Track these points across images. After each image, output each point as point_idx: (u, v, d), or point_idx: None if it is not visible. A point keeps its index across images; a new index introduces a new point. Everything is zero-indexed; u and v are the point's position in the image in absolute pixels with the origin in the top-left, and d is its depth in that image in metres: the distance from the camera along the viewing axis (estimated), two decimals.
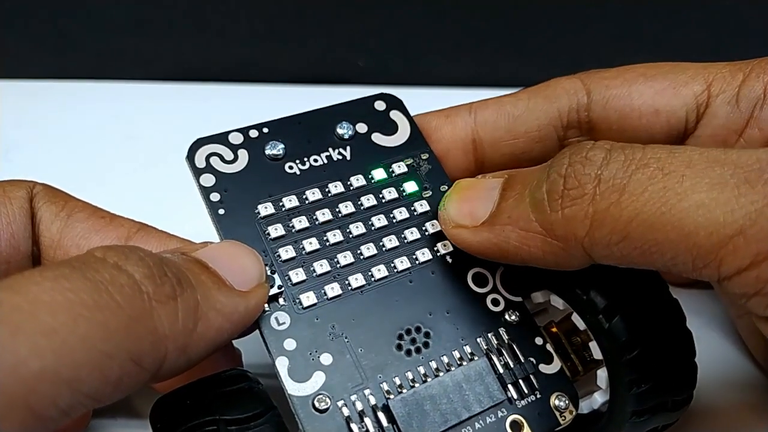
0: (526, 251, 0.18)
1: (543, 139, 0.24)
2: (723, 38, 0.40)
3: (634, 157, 0.17)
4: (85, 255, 0.16)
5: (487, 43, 0.41)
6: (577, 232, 0.17)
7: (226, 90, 0.41)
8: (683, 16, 0.39)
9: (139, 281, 0.15)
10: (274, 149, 0.22)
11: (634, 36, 0.41)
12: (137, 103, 0.40)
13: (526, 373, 0.20)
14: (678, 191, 0.16)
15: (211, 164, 0.21)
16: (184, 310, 0.16)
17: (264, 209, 0.21)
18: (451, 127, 0.24)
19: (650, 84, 0.23)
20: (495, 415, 0.19)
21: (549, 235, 0.18)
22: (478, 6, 0.40)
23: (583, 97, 0.24)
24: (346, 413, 0.18)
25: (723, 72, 0.23)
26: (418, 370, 0.19)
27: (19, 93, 0.40)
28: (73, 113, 0.39)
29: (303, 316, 0.19)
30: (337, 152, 0.23)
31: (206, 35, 0.41)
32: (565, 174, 0.18)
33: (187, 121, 0.34)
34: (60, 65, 0.41)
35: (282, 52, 0.42)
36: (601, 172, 0.17)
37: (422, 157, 0.23)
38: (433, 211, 0.22)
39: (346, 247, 0.21)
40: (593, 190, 0.17)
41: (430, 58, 0.42)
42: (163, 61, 0.42)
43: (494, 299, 0.21)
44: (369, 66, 0.42)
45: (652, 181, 0.16)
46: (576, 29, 0.41)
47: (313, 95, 0.27)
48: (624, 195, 0.16)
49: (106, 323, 0.14)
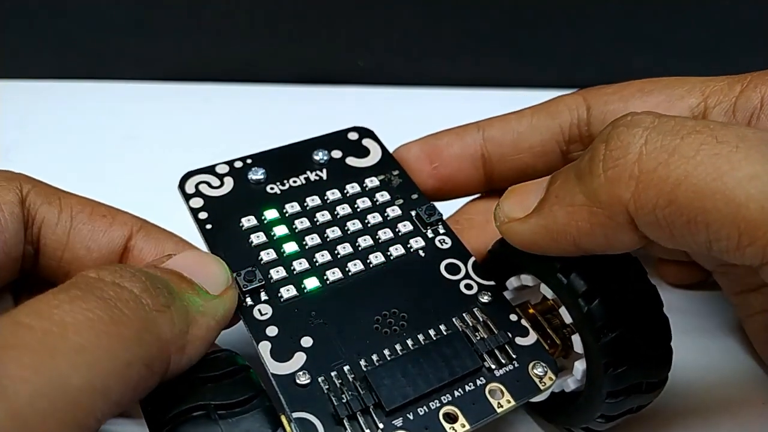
0: (575, 228, 0.18)
1: (546, 154, 0.25)
2: (723, 39, 0.39)
3: (685, 123, 0.16)
4: (82, 277, 0.17)
5: (486, 43, 0.41)
6: (621, 194, 0.16)
7: (226, 90, 0.41)
8: (683, 16, 0.39)
9: (139, 295, 0.17)
10: (256, 174, 0.24)
11: (634, 37, 0.40)
12: (137, 103, 0.40)
13: (501, 343, 0.20)
14: (731, 159, 0.15)
15: (200, 190, 0.24)
16: (179, 316, 0.18)
17: (247, 221, 0.23)
18: (461, 144, 0.26)
19: (646, 99, 0.23)
20: (474, 384, 0.20)
21: (594, 204, 0.17)
22: (478, 6, 0.40)
23: (583, 113, 0.24)
24: (326, 387, 0.19)
25: (721, 85, 0.23)
26: (395, 347, 0.20)
27: (19, 93, 0.40)
28: (73, 113, 0.39)
29: (284, 307, 0.21)
30: (315, 174, 0.25)
31: (206, 35, 0.41)
32: (608, 137, 0.17)
33: (187, 121, 0.35)
34: (60, 65, 0.41)
35: (282, 53, 0.42)
36: (648, 133, 0.16)
37: (393, 173, 0.25)
38: (406, 216, 0.24)
39: (323, 248, 0.22)
40: (639, 149, 0.16)
41: (430, 58, 0.42)
42: (163, 61, 0.42)
43: (467, 284, 0.22)
44: (369, 66, 0.42)
45: (704, 146, 0.15)
46: (576, 30, 0.40)
47: (312, 95, 0.27)
48: (674, 156, 0.16)
49: (122, 335, 0.16)
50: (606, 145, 0.17)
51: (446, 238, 0.23)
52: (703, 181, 0.15)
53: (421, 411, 0.19)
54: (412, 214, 0.24)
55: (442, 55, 0.41)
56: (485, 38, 0.41)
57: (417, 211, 0.24)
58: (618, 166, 0.16)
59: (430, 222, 0.23)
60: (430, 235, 0.23)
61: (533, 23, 0.40)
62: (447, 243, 0.23)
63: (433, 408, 0.19)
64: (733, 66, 0.22)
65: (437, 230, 0.24)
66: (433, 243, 0.23)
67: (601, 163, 0.17)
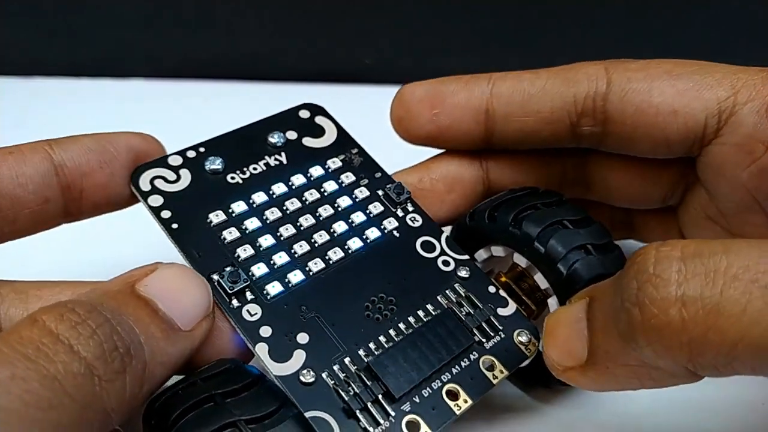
0: (640, 382, 0.17)
1: (554, 122, 0.23)
2: (729, 37, 0.40)
3: (718, 268, 0.15)
4: (39, 330, 0.15)
5: (494, 41, 0.41)
6: (677, 361, 0.16)
7: (233, 87, 0.41)
8: (690, 13, 0.39)
9: (90, 364, 0.15)
10: (214, 164, 0.23)
11: (641, 33, 0.40)
12: (140, 101, 0.39)
13: (486, 316, 0.21)
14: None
15: (156, 186, 0.22)
16: (131, 381, 0.16)
17: (215, 217, 0.22)
18: (467, 94, 0.24)
19: (673, 83, 0.22)
20: (468, 359, 0.20)
21: (651, 366, 0.16)
22: (485, 5, 0.40)
23: (603, 86, 0.23)
24: (332, 382, 0.19)
25: (754, 79, 0.21)
26: (389, 333, 0.20)
27: (18, 90, 0.39)
28: (74, 111, 0.38)
29: (272, 304, 0.20)
30: (274, 158, 0.24)
31: (212, 33, 0.40)
32: (639, 302, 0.16)
33: (192, 119, 0.34)
34: (65, 62, 0.40)
35: (289, 50, 0.41)
36: (682, 292, 0.15)
37: (353, 152, 0.25)
38: (374, 196, 0.24)
39: (299, 238, 0.22)
40: (679, 315, 0.15)
41: (437, 57, 0.41)
42: (168, 59, 0.41)
43: (444, 260, 0.23)
44: (376, 64, 0.41)
45: (748, 297, 0.14)
46: (583, 26, 0.40)
47: (320, 93, 0.26)
48: (721, 318, 0.15)
49: (59, 422, 0.15)
50: (641, 312, 0.16)
51: (417, 216, 0.24)
52: (763, 336, 0.14)
53: (425, 393, 0.19)
54: (380, 194, 0.24)
55: (449, 54, 0.41)
56: (492, 37, 0.41)
57: (385, 190, 0.24)
58: (664, 338, 0.15)
59: (400, 201, 0.24)
60: (400, 214, 0.24)
61: (540, 22, 0.41)
62: (418, 221, 0.24)
63: (436, 388, 0.20)
64: (740, 65, 0.22)
65: (406, 208, 0.24)
66: (405, 222, 0.23)
67: (645, 335, 0.16)
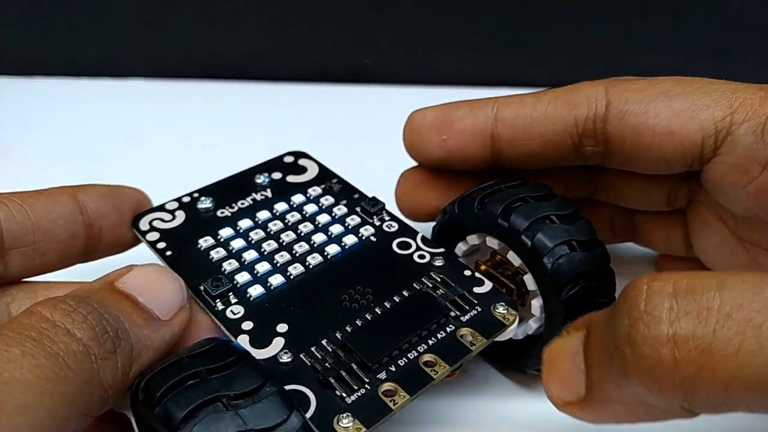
0: (638, 417, 0.17)
1: (557, 145, 0.24)
2: (730, 38, 0.39)
3: (711, 305, 0.15)
4: (37, 318, 0.18)
5: (494, 41, 0.41)
6: (671, 400, 0.15)
7: (232, 88, 0.41)
8: (690, 13, 0.39)
9: (86, 344, 0.17)
10: (205, 203, 0.26)
11: (642, 35, 0.40)
12: (138, 101, 0.39)
13: (460, 292, 0.22)
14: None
15: (154, 225, 0.25)
16: (122, 360, 0.18)
17: (204, 242, 0.24)
18: (473, 120, 0.25)
19: (670, 103, 0.22)
20: (444, 331, 0.21)
21: (648, 404, 0.16)
22: (485, 5, 0.40)
23: (602, 108, 0.23)
24: (309, 362, 0.20)
25: (752, 98, 0.21)
26: (365, 317, 0.21)
27: (19, 90, 0.39)
28: (74, 111, 0.38)
29: (254, 305, 0.22)
30: (260, 194, 0.26)
31: (211, 33, 0.41)
32: (631, 341, 0.15)
33: (190, 119, 0.35)
34: (65, 62, 0.41)
35: (289, 51, 0.42)
36: (674, 331, 0.15)
37: (333, 181, 0.27)
38: (352, 211, 0.25)
39: (281, 250, 0.24)
40: (671, 354, 0.15)
41: (437, 57, 0.42)
42: (166, 59, 0.41)
43: (420, 254, 0.24)
44: (376, 64, 0.42)
45: (742, 337, 0.14)
46: (583, 28, 0.40)
47: (320, 93, 0.27)
48: (713, 358, 0.14)
49: (66, 393, 0.16)
50: (633, 351, 0.15)
51: (393, 223, 0.25)
52: (756, 377, 0.14)
53: (401, 362, 0.20)
54: (357, 209, 0.26)
55: (449, 54, 0.42)
56: (492, 37, 0.41)
57: (362, 205, 0.26)
58: (656, 378, 0.15)
59: (375, 211, 0.25)
60: (377, 222, 0.25)
61: (541, 22, 0.41)
62: (394, 226, 0.25)
63: (412, 358, 0.20)
64: (740, 66, 0.22)
65: (383, 218, 0.25)
66: (381, 228, 0.25)
67: (638, 375, 0.15)
